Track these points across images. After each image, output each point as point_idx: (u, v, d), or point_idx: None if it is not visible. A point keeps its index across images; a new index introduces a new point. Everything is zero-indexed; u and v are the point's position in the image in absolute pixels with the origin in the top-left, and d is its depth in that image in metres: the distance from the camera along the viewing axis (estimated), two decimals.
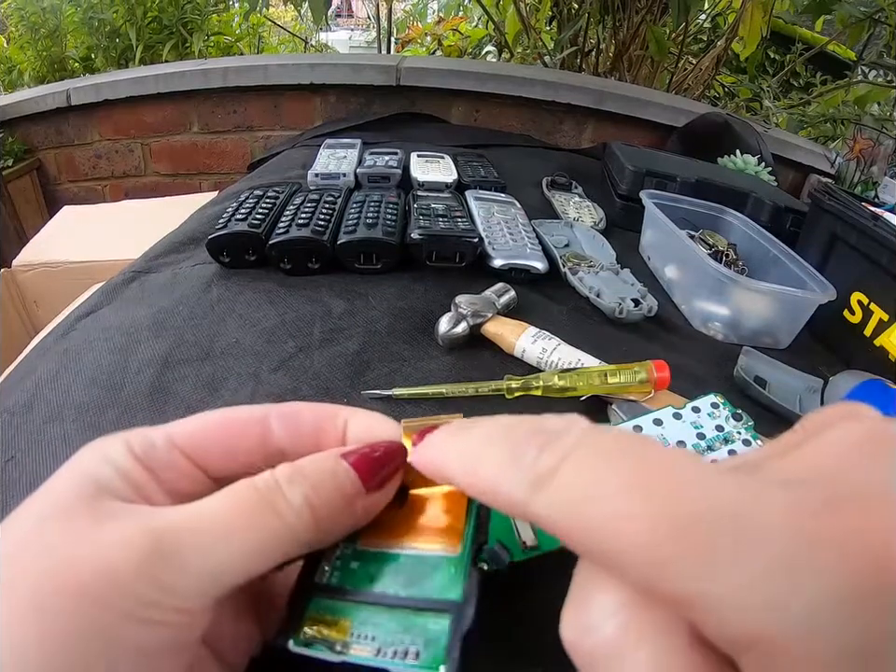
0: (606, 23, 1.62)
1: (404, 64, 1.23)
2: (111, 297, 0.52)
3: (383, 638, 0.16)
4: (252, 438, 0.19)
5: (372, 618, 0.17)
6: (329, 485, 0.17)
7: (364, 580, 0.18)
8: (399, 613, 0.17)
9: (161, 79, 1.27)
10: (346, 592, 0.18)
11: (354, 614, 0.17)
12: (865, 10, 1.46)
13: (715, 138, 1.06)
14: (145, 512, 0.16)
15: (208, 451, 0.19)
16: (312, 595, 0.18)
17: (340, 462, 0.18)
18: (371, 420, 0.20)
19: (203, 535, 0.15)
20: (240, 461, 0.19)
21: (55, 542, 0.14)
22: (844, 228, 0.58)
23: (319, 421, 0.20)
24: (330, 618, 0.17)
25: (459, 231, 0.56)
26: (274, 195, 0.62)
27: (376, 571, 0.18)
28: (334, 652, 0.16)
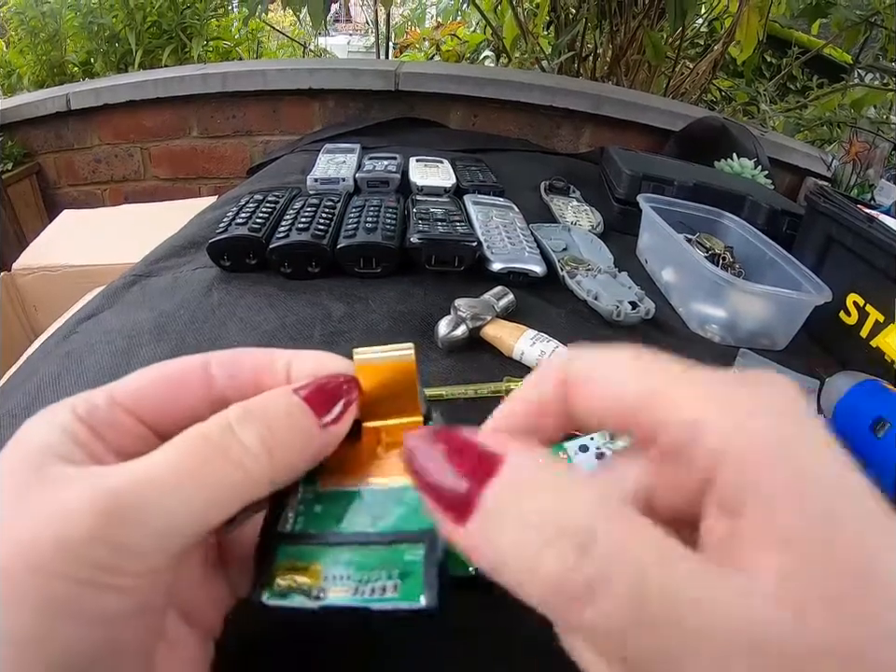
0: (603, 28, 1.63)
1: (403, 69, 1.24)
2: (112, 300, 0.52)
3: (358, 577, 0.16)
4: (194, 387, 0.19)
5: (344, 558, 0.16)
6: (284, 423, 0.17)
7: (330, 521, 0.17)
8: (371, 550, 0.16)
9: (161, 84, 1.27)
10: (313, 536, 0.17)
11: (324, 557, 0.17)
12: (861, 14, 1.47)
13: (712, 142, 1.07)
14: (93, 474, 0.15)
15: (151, 405, 0.18)
16: (278, 544, 0.17)
17: (292, 398, 0.17)
18: (318, 357, 0.20)
19: (155, 489, 0.14)
20: (184, 413, 0.18)
21: (6, 517, 0.14)
22: (839, 230, 0.59)
23: (259, 365, 0.19)
24: (301, 564, 0.16)
25: (458, 235, 0.57)
26: (274, 199, 0.62)
27: (341, 511, 0.18)
28: (311, 598, 0.16)
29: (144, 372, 0.19)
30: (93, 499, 0.14)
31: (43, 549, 0.13)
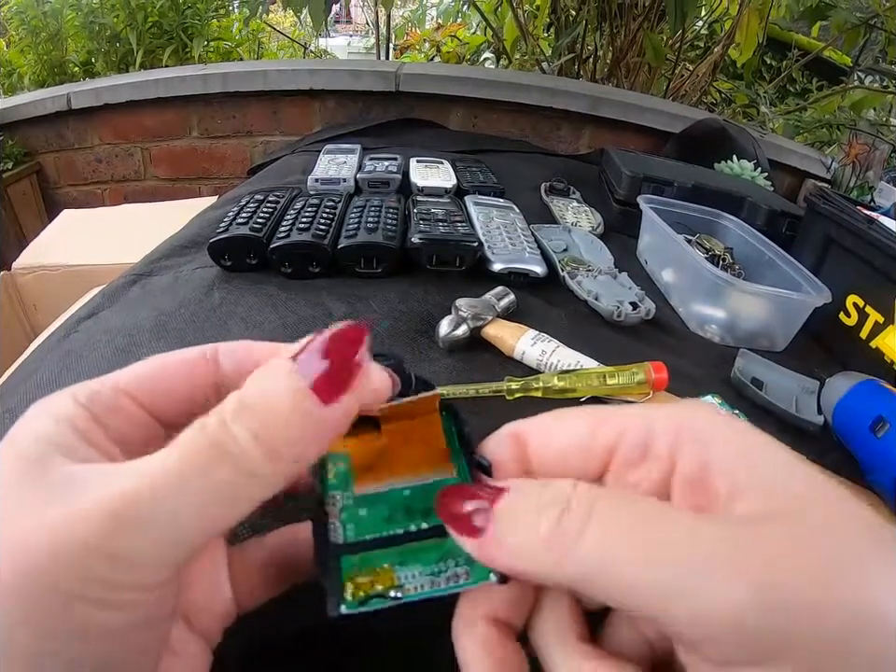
0: (603, 30, 1.63)
1: (403, 70, 1.24)
2: (113, 299, 0.52)
3: (429, 570, 0.17)
4: (197, 374, 0.18)
5: (409, 556, 0.17)
6: (279, 410, 0.15)
7: (380, 524, 0.18)
8: (432, 542, 0.17)
9: (162, 84, 1.27)
10: (370, 541, 0.17)
11: (390, 558, 0.17)
12: (861, 16, 1.47)
13: (712, 144, 1.07)
14: (93, 478, 0.14)
15: (153, 390, 0.18)
16: (338, 555, 0.17)
17: (289, 379, 0.15)
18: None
19: (156, 496, 0.14)
20: (187, 399, 0.18)
21: (1, 529, 0.13)
22: (839, 231, 0.59)
23: (268, 356, 0.18)
24: (369, 570, 0.17)
25: (459, 235, 0.57)
26: (275, 200, 0.62)
27: (388, 511, 0.18)
28: (392, 600, 0.16)
29: (150, 360, 0.18)
30: (94, 509, 0.13)
31: (38, 562, 0.13)
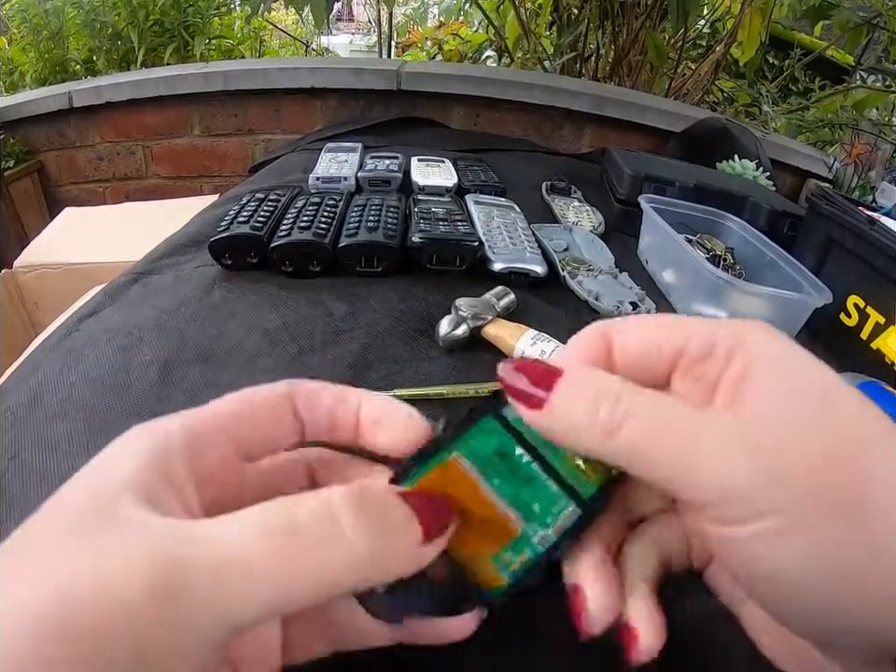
0: (605, 29, 1.63)
1: (405, 69, 1.24)
2: (114, 298, 0.52)
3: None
4: (283, 413, 0.19)
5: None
6: (395, 524, 0.16)
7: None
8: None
9: (163, 82, 1.27)
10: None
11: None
12: (864, 15, 1.47)
13: (713, 143, 1.07)
14: (162, 531, 0.14)
15: (241, 429, 0.18)
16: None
17: (405, 504, 0.17)
18: (383, 404, 0.20)
19: (224, 570, 0.13)
20: (273, 437, 0.19)
21: (55, 568, 0.13)
22: (840, 232, 0.59)
23: (335, 402, 0.20)
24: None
25: (459, 234, 0.57)
26: (276, 198, 0.63)
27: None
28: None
29: (233, 397, 0.19)
30: (153, 568, 0.13)
31: (84, 610, 0.12)
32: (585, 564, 0.19)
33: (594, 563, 0.19)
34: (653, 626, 0.18)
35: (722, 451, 0.16)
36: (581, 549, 0.19)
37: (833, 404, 0.16)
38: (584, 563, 0.19)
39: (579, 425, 0.18)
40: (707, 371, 0.18)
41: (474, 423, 0.20)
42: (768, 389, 0.17)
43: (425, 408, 0.40)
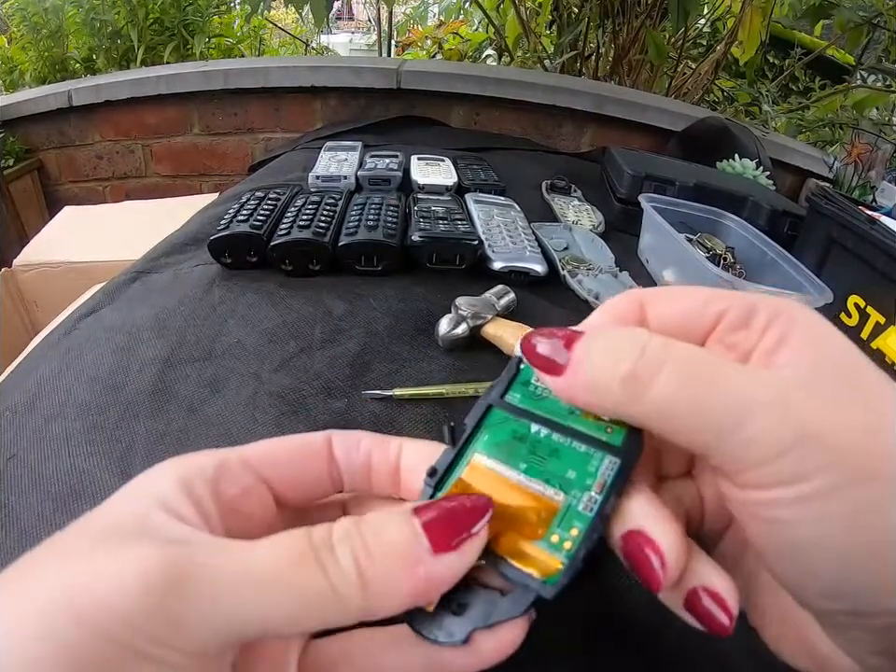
0: (605, 28, 1.63)
1: (405, 68, 1.24)
2: (113, 297, 0.52)
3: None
4: (318, 459, 0.19)
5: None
6: (387, 548, 0.15)
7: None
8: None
9: (163, 81, 1.27)
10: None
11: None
12: (864, 15, 1.46)
13: (714, 142, 1.07)
14: (177, 536, 0.15)
15: (280, 472, 0.19)
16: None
17: (408, 521, 0.16)
18: (427, 448, 0.20)
19: (230, 575, 0.14)
20: (308, 483, 0.19)
21: (74, 569, 0.14)
22: (841, 231, 0.59)
23: (372, 447, 0.20)
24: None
25: (459, 233, 0.57)
26: (276, 197, 0.62)
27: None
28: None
29: (276, 440, 0.20)
30: (161, 566, 0.14)
31: (94, 604, 0.13)
32: (641, 503, 0.17)
33: (649, 500, 0.17)
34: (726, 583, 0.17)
35: (767, 412, 0.15)
36: (627, 496, 0.18)
37: (868, 379, 0.16)
38: (639, 503, 0.17)
39: (601, 385, 0.17)
40: (743, 339, 0.18)
41: (481, 422, 0.20)
42: (805, 357, 0.16)
43: (424, 407, 0.40)
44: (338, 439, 0.20)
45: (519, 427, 0.19)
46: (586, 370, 0.17)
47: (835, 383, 0.16)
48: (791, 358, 0.17)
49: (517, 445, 0.19)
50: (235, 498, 0.17)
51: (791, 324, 0.17)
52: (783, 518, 0.15)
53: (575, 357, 0.17)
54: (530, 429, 0.19)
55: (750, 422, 0.15)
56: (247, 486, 0.18)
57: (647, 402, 0.16)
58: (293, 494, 0.19)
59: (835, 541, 0.15)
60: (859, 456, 0.15)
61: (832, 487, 0.15)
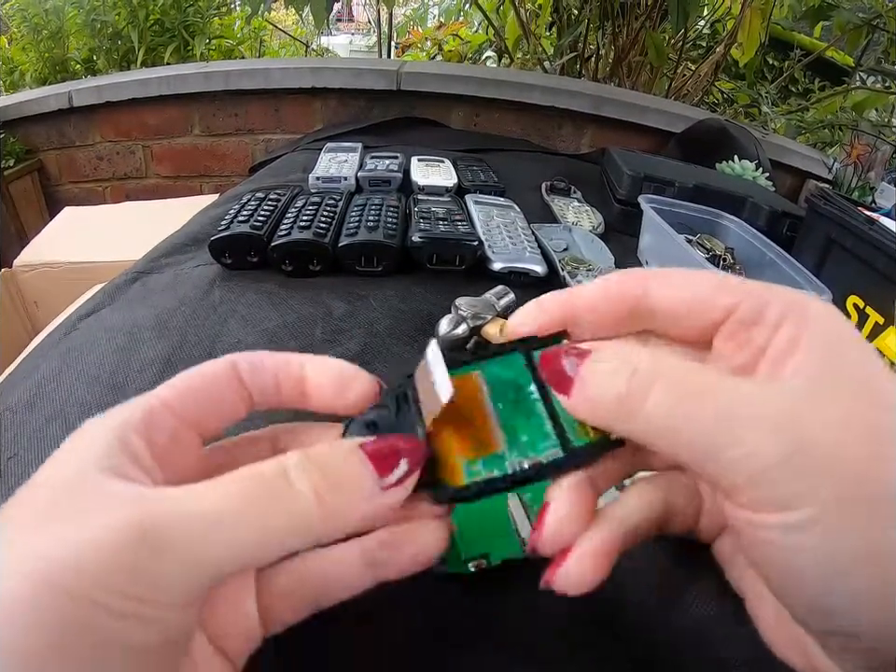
0: (605, 29, 1.63)
1: (405, 69, 1.24)
2: (113, 297, 0.52)
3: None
4: (229, 386, 0.19)
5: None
6: (342, 475, 0.16)
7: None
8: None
9: (163, 82, 1.27)
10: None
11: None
12: (863, 16, 1.47)
13: (713, 144, 1.07)
14: (139, 494, 0.15)
15: (196, 406, 0.19)
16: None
17: (356, 453, 0.17)
18: (327, 364, 0.21)
19: (197, 522, 0.14)
20: (225, 412, 0.20)
21: (38, 537, 0.14)
22: (840, 232, 0.59)
23: (278, 367, 0.20)
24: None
25: (459, 234, 0.57)
26: (276, 198, 0.63)
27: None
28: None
29: (186, 376, 0.19)
30: (132, 522, 0.14)
31: (69, 569, 0.13)
32: (562, 484, 0.19)
33: (569, 483, 0.19)
34: (589, 562, 0.17)
35: (758, 430, 0.15)
36: (556, 484, 0.19)
37: (882, 391, 0.16)
38: (562, 483, 0.19)
39: (599, 404, 0.17)
40: (755, 336, 0.17)
41: (504, 354, 0.21)
42: (815, 363, 0.16)
43: None
44: (242, 360, 0.20)
45: (520, 378, 0.21)
46: (587, 389, 0.18)
47: (843, 396, 0.15)
48: (799, 365, 0.16)
49: (508, 389, 0.21)
50: (166, 445, 0.17)
51: (803, 323, 0.17)
52: (771, 540, 0.15)
53: (579, 377, 0.18)
54: (527, 386, 0.21)
55: (741, 441, 0.15)
56: (174, 430, 0.18)
57: (640, 420, 0.17)
58: (213, 424, 0.19)
59: (829, 570, 0.15)
60: (860, 485, 0.14)
61: (824, 517, 0.14)
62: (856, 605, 0.15)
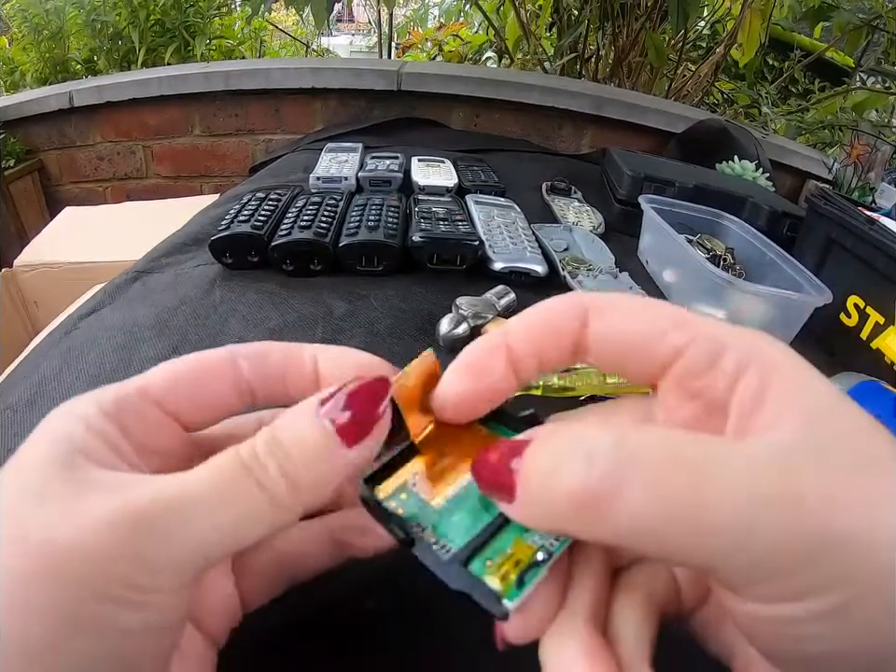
0: (605, 30, 1.63)
1: (405, 69, 1.24)
2: (114, 296, 0.52)
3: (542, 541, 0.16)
4: (221, 378, 0.18)
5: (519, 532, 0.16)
6: (306, 449, 0.16)
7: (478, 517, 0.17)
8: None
9: (164, 82, 1.28)
10: (480, 536, 0.16)
11: (512, 535, 0.16)
12: (863, 17, 1.47)
13: (713, 144, 1.07)
14: (124, 484, 0.15)
15: (180, 397, 0.18)
16: (464, 565, 0.16)
17: (317, 420, 0.16)
18: (342, 352, 0.19)
19: (185, 509, 0.15)
20: (213, 404, 0.19)
21: (31, 522, 0.14)
22: (840, 232, 0.59)
23: (286, 357, 0.19)
24: (502, 556, 0.16)
25: (460, 234, 0.57)
26: (277, 198, 0.63)
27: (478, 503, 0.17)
28: (544, 563, 0.15)
29: (172, 363, 0.18)
30: (123, 512, 0.14)
31: (64, 557, 0.13)
32: (572, 652, 0.14)
33: (584, 651, 0.14)
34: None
35: (770, 512, 0.12)
36: (563, 626, 0.15)
37: (882, 454, 0.13)
38: (570, 650, 0.14)
39: (552, 510, 0.14)
40: (710, 385, 0.15)
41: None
42: (800, 427, 0.13)
43: None
44: (244, 351, 0.19)
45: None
46: (532, 493, 0.14)
47: (847, 463, 0.13)
48: (786, 428, 0.14)
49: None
50: (144, 431, 0.17)
51: (769, 372, 0.14)
52: (792, 633, 0.13)
53: (520, 478, 0.14)
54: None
55: (755, 534, 0.12)
56: (151, 417, 0.17)
57: (611, 524, 0.13)
58: (198, 416, 0.18)
59: (856, 653, 0.13)
60: (887, 560, 0.12)
61: (855, 600, 0.12)
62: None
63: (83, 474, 0.15)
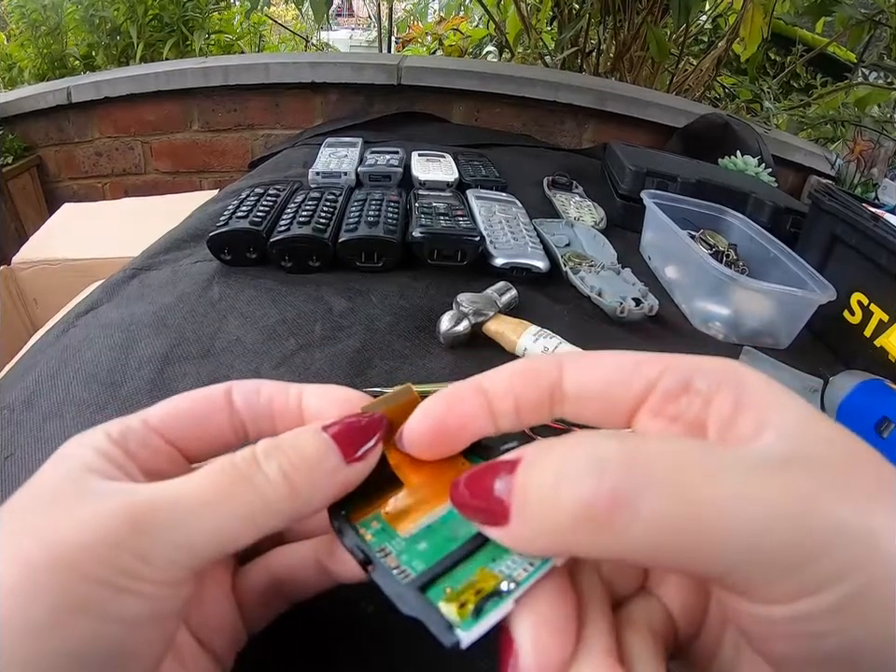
0: (607, 24, 1.62)
1: (405, 64, 1.23)
2: (111, 294, 0.52)
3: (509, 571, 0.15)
4: (218, 412, 0.20)
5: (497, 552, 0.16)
6: (308, 457, 0.17)
7: (444, 544, 0.16)
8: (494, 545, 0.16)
9: (162, 77, 1.27)
10: (444, 562, 0.16)
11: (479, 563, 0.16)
12: (866, 12, 1.46)
13: (715, 139, 1.07)
14: (125, 488, 0.16)
15: (180, 428, 0.19)
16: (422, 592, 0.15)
17: (320, 434, 0.18)
18: (326, 391, 0.20)
19: (181, 508, 0.16)
20: (210, 436, 0.20)
21: (41, 520, 0.15)
22: (844, 228, 0.58)
23: (273, 394, 0.20)
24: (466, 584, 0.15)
25: (461, 229, 0.56)
26: (275, 193, 0.62)
27: (448, 532, 0.17)
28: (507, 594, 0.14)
29: (174, 398, 0.20)
30: (123, 509, 0.15)
31: (68, 548, 0.14)
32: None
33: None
34: None
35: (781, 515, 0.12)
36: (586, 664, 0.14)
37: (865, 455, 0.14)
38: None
39: (553, 529, 0.13)
40: (686, 407, 0.15)
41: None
42: (782, 427, 0.14)
43: None
44: (238, 389, 0.20)
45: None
46: (531, 509, 0.14)
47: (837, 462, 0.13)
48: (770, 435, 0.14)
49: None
50: (146, 462, 0.18)
51: (742, 389, 0.15)
52: (807, 631, 0.13)
53: (515, 495, 0.14)
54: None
55: (771, 532, 0.12)
56: (155, 446, 0.19)
57: (623, 536, 0.13)
58: (197, 447, 0.20)
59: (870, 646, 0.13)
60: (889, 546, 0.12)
61: (866, 587, 0.12)
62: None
63: (90, 485, 0.16)
